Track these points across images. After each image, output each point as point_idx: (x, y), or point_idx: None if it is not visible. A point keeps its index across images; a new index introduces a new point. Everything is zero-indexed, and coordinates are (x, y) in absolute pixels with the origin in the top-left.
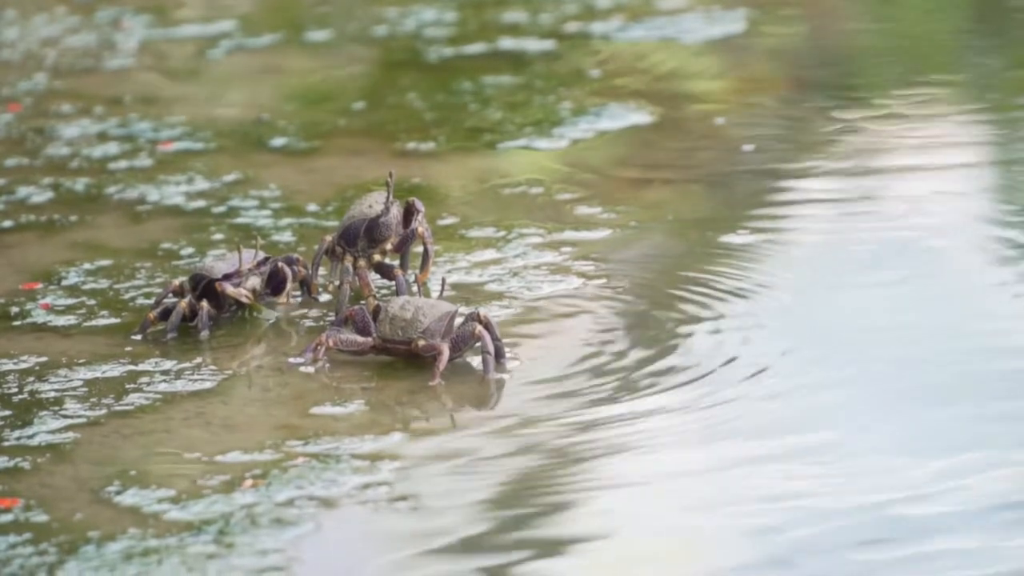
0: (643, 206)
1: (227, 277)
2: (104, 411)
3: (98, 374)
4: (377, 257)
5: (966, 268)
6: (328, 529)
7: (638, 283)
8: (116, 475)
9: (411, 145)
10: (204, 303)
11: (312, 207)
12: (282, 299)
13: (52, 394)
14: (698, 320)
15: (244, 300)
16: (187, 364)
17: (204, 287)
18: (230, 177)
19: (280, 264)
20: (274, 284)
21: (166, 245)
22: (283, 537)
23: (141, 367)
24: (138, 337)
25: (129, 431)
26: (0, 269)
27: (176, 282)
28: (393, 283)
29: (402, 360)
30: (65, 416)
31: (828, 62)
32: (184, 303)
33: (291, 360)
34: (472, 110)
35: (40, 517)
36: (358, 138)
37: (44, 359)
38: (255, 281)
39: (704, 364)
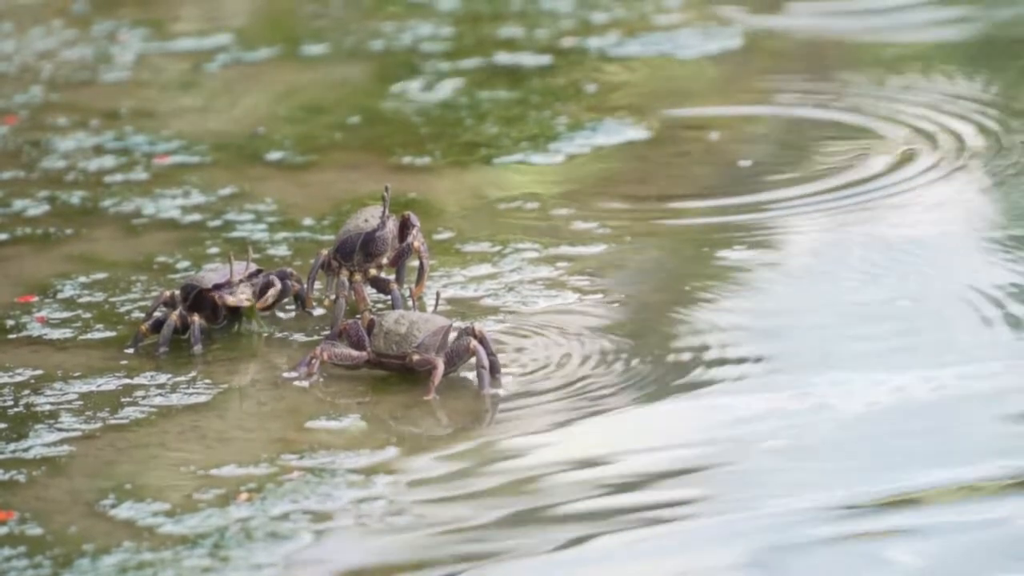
0: (638, 221)
1: (217, 287)
2: (99, 424)
3: (93, 387)
4: (373, 271)
5: (964, 278)
6: (323, 543)
7: (634, 298)
8: (111, 488)
9: (407, 159)
10: (196, 317)
11: (308, 221)
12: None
13: (47, 407)
14: (694, 334)
15: (246, 304)
16: (182, 378)
17: (195, 297)
18: (226, 191)
19: (272, 277)
20: (270, 303)
21: (162, 258)
22: (278, 551)
23: (136, 380)
24: (131, 351)
25: (124, 444)
26: None
27: (167, 293)
28: (389, 297)
29: (397, 374)
30: (60, 429)
31: (824, 74)
32: (175, 315)
33: (285, 374)
34: (468, 125)
35: (35, 530)
36: (354, 152)
37: (39, 372)
38: (246, 292)
39: (700, 377)
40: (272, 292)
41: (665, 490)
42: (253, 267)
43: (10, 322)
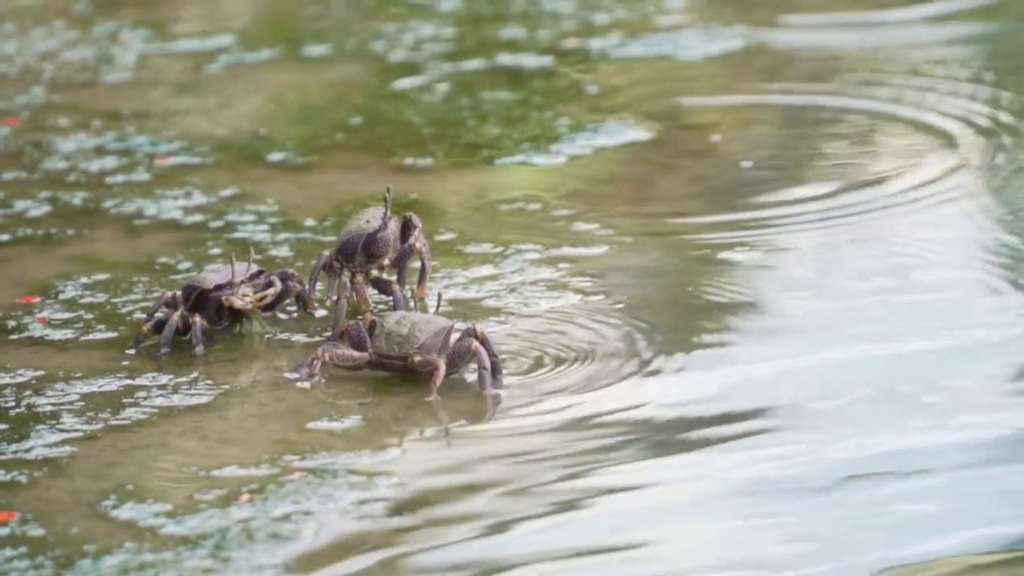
0: (640, 222)
1: (219, 288)
2: (101, 425)
3: (95, 388)
4: (375, 272)
5: (965, 284)
6: (324, 544)
7: (635, 299)
8: (113, 489)
9: (409, 160)
10: (197, 318)
11: (310, 222)
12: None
13: (49, 408)
14: (696, 336)
15: (250, 306)
16: (184, 378)
17: (196, 298)
18: (228, 192)
19: (272, 278)
20: (269, 301)
21: (163, 259)
22: (280, 552)
23: (138, 381)
24: (133, 351)
25: (126, 445)
26: None
27: (169, 294)
28: (390, 298)
29: (398, 375)
30: (62, 430)
31: (825, 77)
32: (176, 316)
33: (287, 375)
34: (470, 126)
35: (36, 531)
36: (356, 153)
37: (41, 373)
38: (249, 293)
39: (702, 379)
40: (271, 292)
41: (664, 472)
42: (255, 268)
43: (12, 323)
